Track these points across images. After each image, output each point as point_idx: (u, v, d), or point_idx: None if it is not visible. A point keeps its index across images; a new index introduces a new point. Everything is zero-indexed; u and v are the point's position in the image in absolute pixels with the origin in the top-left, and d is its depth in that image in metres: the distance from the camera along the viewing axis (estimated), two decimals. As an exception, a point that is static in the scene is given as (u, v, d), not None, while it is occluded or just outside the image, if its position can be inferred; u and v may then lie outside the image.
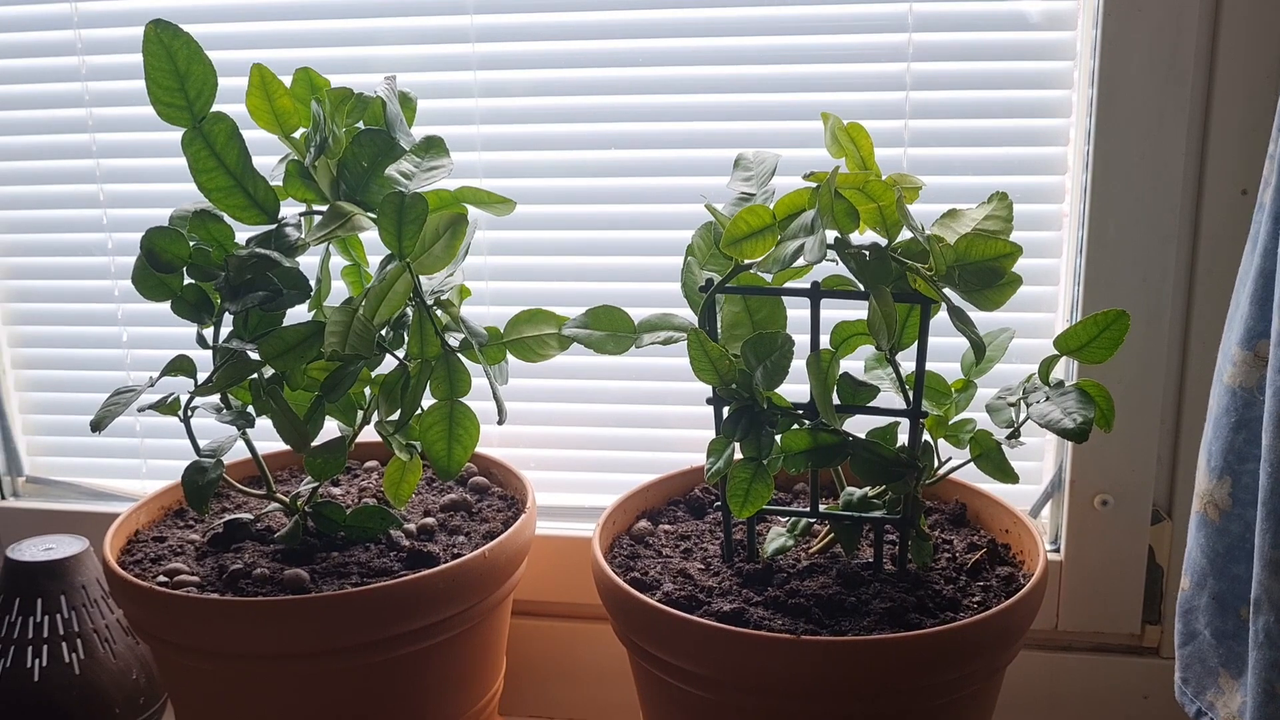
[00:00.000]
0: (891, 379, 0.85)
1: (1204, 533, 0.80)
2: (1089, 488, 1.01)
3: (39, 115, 1.16)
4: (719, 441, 0.81)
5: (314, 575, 0.88)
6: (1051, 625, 1.05)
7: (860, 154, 0.80)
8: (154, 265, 0.86)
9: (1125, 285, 0.96)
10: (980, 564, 0.87)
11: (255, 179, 0.84)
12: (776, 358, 0.78)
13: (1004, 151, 1.00)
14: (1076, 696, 1.07)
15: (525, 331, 0.90)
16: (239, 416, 0.88)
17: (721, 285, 0.81)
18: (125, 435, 1.23)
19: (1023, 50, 0.98)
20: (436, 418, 0.87)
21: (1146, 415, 0.99)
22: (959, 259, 0.76)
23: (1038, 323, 1.03)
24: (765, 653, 0.75)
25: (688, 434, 1.11)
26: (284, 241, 0.85)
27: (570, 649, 1.13)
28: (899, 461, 0.81)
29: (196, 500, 0.87)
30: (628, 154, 1.06)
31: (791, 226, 0.76)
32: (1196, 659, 0.83)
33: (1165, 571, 1.03)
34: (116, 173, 1.16)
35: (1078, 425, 0.75)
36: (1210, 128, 0.94)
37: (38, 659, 1.01)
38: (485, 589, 0.90)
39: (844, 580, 0.84)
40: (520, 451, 1.14)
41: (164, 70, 0.81)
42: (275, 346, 0.83)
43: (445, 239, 0.83)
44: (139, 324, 1.19)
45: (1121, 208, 0.95)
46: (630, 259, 1.09)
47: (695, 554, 0.91)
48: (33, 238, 1.20)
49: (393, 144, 0.84)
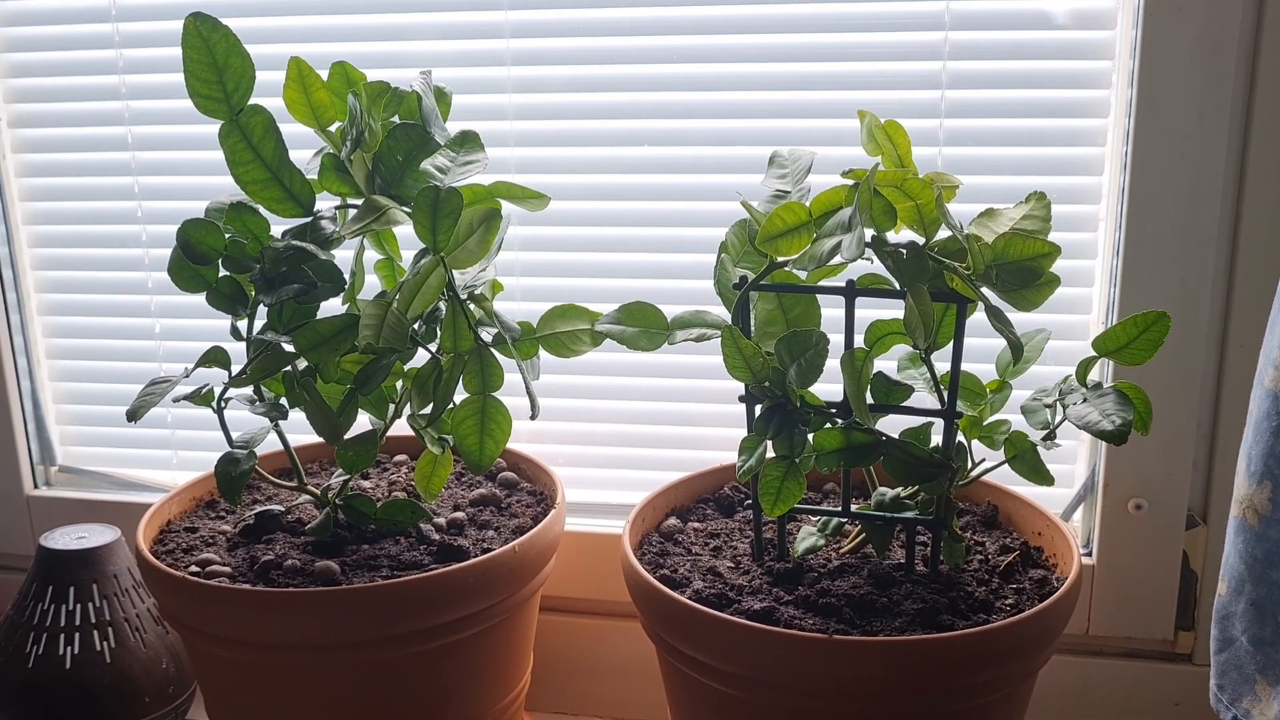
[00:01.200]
0: (926, 379, 0.85)
1: (1242, 538, 0.79)
2: (1123, 491, 1.00)
3: (76, 108, 1.17)
4: (751, 439, 0.81)
5: (344, 568, 0.88)
6: (1083, 630, 1.05)
7: (897, 152, 0.80)
8: (189, 257, 0.86)
9: (1163, 287, 0.95)
10: (1013, 566, 0.87)
11: (291, 172, 0.84)
12: (811, 355, 0.78)
13: (1040, 151, 0.99)
14: (1107, 702, 1.06)
15: (558, 327, 0.90)
16: (272, 408, 0.89)
17: (756, 283, 0.81)
18: (157, 426, 1.23)
19: (1060, 50, 0.97)
20: (469, 412, 0.87)
21: (1182, 419, 0.98)
22: (997, 258, 0.75)
23: (1071, 325, 1.02)
24: (797, 652, 0.75)
25: (716, 432, 1.11)
26: (319, 234, 0.85)
27: (597, 646, 1.13)
28: (933, 462, 0.80)
29: (229, 491, 0.88)
30: (660, 151, 1.06)
31: (828, 224, 0.76)
32: (1232, 665, 0.82)
33: (1199, 577, 1.02)
34: (151, 165, 1.16)
35: (1116, 428, 0.74)
36: (1251, 128, 0.92)
37: (69, 646, 1.02)
38: (515, 584, 0.90)
39: (875, 580, 0.84)
40: (549, 447, 1.14)
41: (202, 63, 0.81)
42: (310, 339, 0.83)
43: (479, 234, 0.83)
44: (172, 316, 1.20)
45: (1160, 209, 0.94)
46: (660, 256, 1.09)
47: (725, 552, 0.91)
48: (68, 229, 1.21)
49: (428, 138, 0.84)
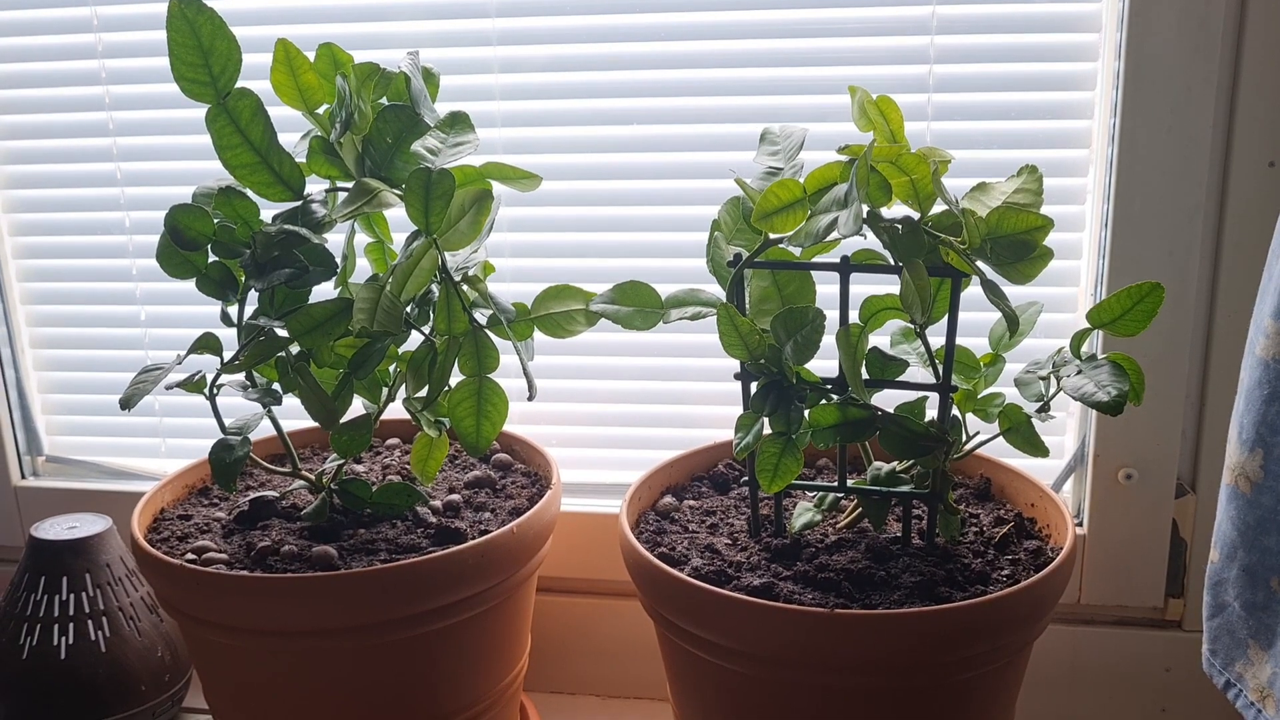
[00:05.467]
0: (920, 353, 0.85)
1: (1234, 505, 0.80)
2: (1113, 461, 1.01)
3: (55, 94, 1.15)
4: (748, 416, 0.81)
5: (342, 552, 0.88)
6: (1074, 599, 1.06)
7: (890, 127, 0.80)
8: (178, 243, 0.85)
9: (1151, 258, 0.96)
10: (1008, 538, 0.88)
11: (280, 155, 0.84)
12: (807, 332, 0.78)
13: (1028, 125, 1.00)
14: (1099, 669, 1.07)
15: (553, 307, 0.90)
16: (266, 394, 0.88)
17: (751, 260, 0.81)
18: (145, 414, 1.22)
19: (1048, 23, 0.97)
20: (465, 394, 0.87)
21: (1172, 389, 0.99)
22: (990, 232, 0.76)
23: (1060, 297, 1.03)
24: (797, 627, 0.75)
25: (710, 410, 1.11)
26: (310, 218, 0.84)
27: (595, 625, 1.14)
28: (928, 436, 0.81)
29: (224, 478, 0.87)
30: (650, 129, 1.06)
31: (823, 200, 0.76)
32: (1225, 631, 0.83)
33: (1189, 545, 1.03)
34: (133, 151, 1.15)
35: (1112, 399, 0.74)
36: (1238, 100, 0.93)
37: (64, 637, 1.02)
38: (513, 565, 0.90)
39: (873, 554, 0.85)
40: (543, 428, 1.14)
41: (188, 46, 0.80)
42: (303, 323, 0.83)
43: (471, 215, 0.83)
44: (157, 303, 1.19)
45: (1148, 181, 0.95)
46: (652, 235, 1.08)
47: (722, 529, 0.91)
48: (50, 217, 1.19)
49: (418, 120, 0.84)
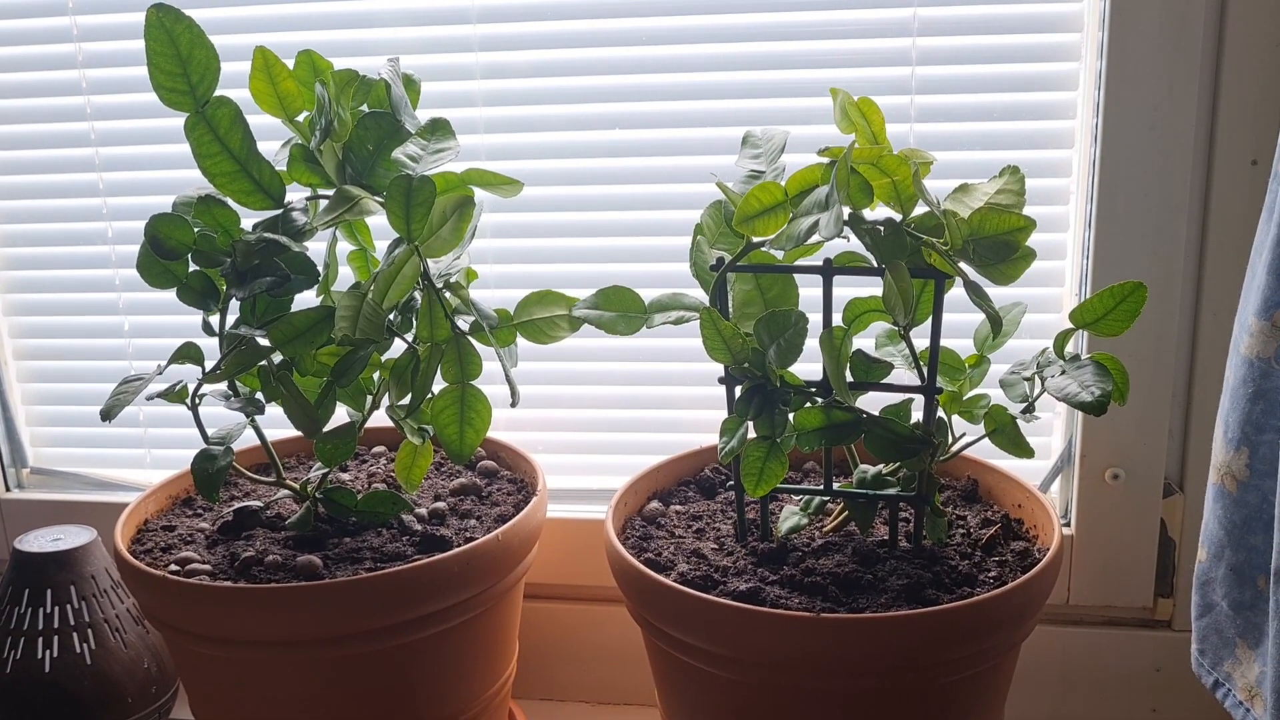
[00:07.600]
0: (905, 355, 0.85)
1: (1221, 504, 0.80)
2: (1100, 461, 1.01)
3: (36, 104, 1.15)
4: (732, 421, 0.81)
5: (327, 561, 0.87)
6: (1063, 599, 1.06)
7: (871, 129, 0.79)
8: (158, 252, 0.85)
9: (1135, 258, 0.96)
10: (995, 539, 0.87)
11: (260, 163, 0.83)
12: (790, 335, 0.78)
13: (1010, 126, 1.00)
14: (1088, 670, 1.07)
15: (536, 313, 0.90)
16: (248, 403, 0.88)
17: (733, 263, 0.81)
18: (129, 425, 1.22)
19: (1030, 24, 0.97)
20: (448, 401, 0.86)
21: (1158, 388, 0.99)
22: (973, 233, 0.75)
23: (1044, 298, 1.03)
24: (784, 631, 0.75)
25: (695, 415, 1.11)
26: (291, 226, 0.84)
27: (582, 631, 1.13)
28: (914, 438, 0.81)
29: (207, 488, 0.87)
30: (631, 134, 1.05)
31: (804, 203, 0.75)
32: (1213, 630, 0.83)
33: (1177, 545, 1.03)
34: (115, 161, 1.15)
35: (1096, 399, 0.74)
36: (1220, 98, 0.93)
37: (49, 650, 1.01)
38: (499, 572, 0.89)
39: (860, 558, 0.84)
40: (528, 435, 1.13)
41: (166, 55, 0.80)
42: (285, 332, 0.82)
43: (453, 221, 0.83)
44: (140, 313, 1.18)
45: (1131, 180, 0.95)
46: (634, 240, 1.08)
47: (708, 534, 0.91)
48: (32, 228, 1.19)
49: (398, 127, 0.83)
